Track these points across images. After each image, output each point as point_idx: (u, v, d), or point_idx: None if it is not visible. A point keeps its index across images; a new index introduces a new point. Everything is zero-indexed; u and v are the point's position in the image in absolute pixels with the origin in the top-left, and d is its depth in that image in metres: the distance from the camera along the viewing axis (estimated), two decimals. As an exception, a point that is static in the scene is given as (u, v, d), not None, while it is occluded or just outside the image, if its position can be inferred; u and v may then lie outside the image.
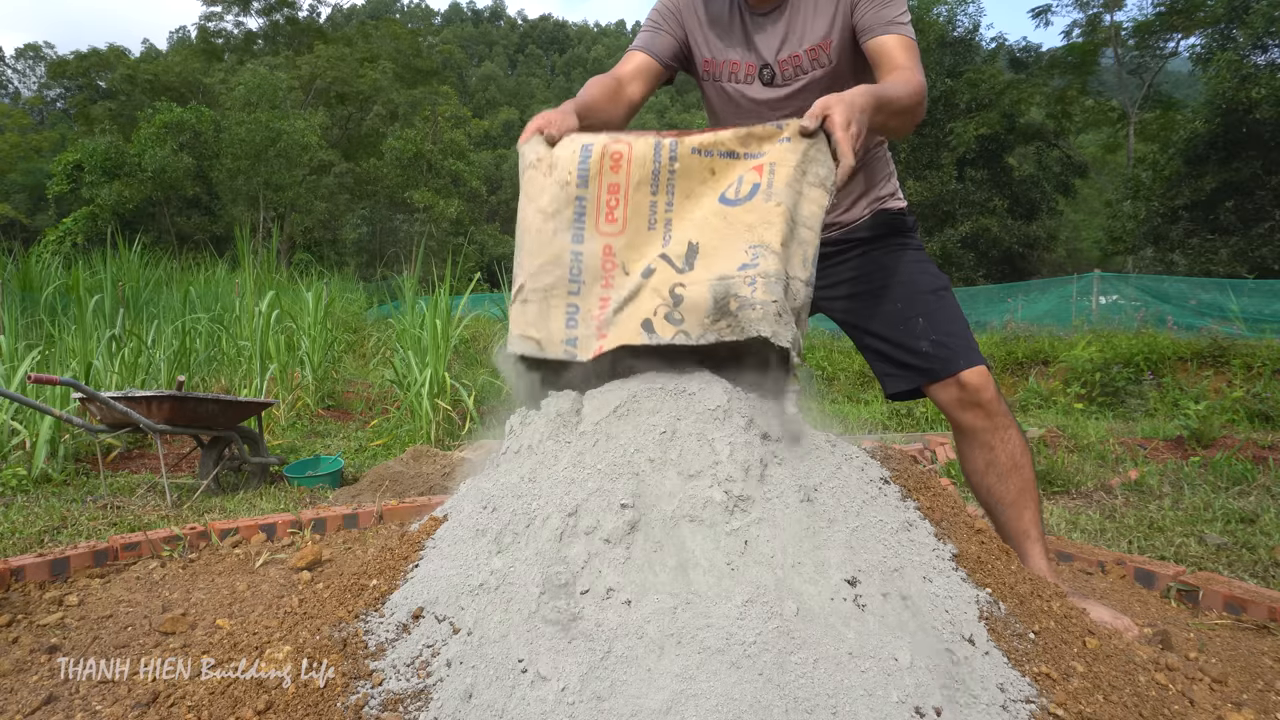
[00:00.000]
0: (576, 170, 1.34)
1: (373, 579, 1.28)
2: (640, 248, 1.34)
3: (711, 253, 1.28)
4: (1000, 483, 1.68)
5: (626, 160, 1.33)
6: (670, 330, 1.27)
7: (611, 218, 1.34)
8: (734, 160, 1.32)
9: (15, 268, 7.00)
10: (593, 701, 0.95)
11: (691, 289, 1.27)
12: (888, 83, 1.47)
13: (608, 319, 1.32)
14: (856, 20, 1.62)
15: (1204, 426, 4.19)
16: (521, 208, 1.39)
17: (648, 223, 1.34)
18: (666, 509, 1.17)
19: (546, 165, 1.36)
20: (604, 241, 1.34)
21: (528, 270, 1.37)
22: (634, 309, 1.31)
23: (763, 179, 1.28)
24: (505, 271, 7.74)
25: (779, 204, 1.26)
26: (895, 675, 1.00)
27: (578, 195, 1.34)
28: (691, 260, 1.29)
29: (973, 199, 19.46)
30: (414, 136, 29.12)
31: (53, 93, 49.03)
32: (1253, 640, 1.69)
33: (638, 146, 1.34)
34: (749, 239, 1.26)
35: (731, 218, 1.29)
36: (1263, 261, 14.84)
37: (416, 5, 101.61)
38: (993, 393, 1.65)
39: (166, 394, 3.03)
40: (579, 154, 1.35)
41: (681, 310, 1.27)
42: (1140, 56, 21.75)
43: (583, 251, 1.34)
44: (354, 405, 6.03)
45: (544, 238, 1.35)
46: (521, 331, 1.37)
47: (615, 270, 1.34)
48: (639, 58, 1.76)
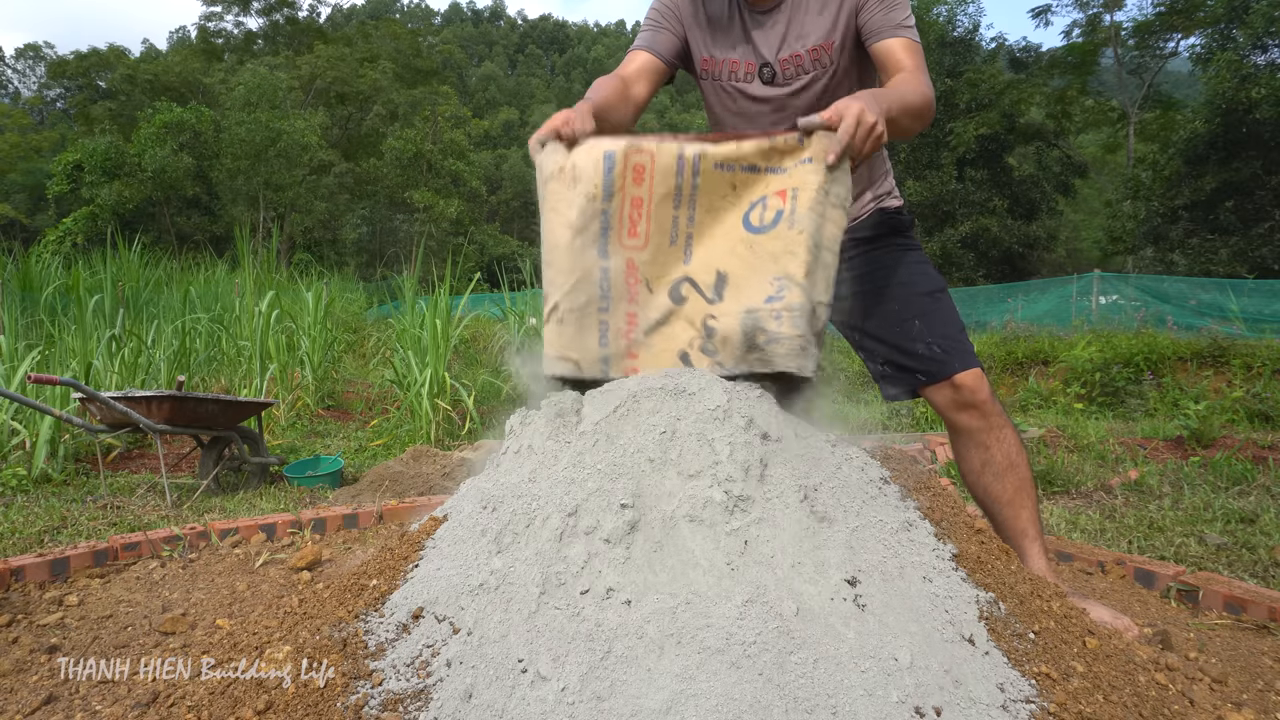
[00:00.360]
0: (602, 183, 1.33)
1: (373, 579, 1.28)
2: (662, 264, 1.35)
3: (740, 283, 1.31)
4: (997, 482, 1.70)
5: (649, 173, 1.33)
6: (706, 362, 1.32)
7: (634, 232, 1.34)
8: (755, 174, 1.32)
9: (15, 268, 7.00)
10: (593, 701, 0.95)
11: (723, 321, 1.30)
12: (900, 87, 1.48)
13: (638, 339, 1.35)
14: (862, 22, 1.62)
15: (1204, 426, 4.19)
16: (547, 221, 1.37)
17: (669, 238, 1.35)
18: (666, 509, 1.17)
19: (570, 177, 1.34)
20: (626, 256, 1.35)
21: (561, 289, 1.35)
22: (667, 336, 1.34)
23: (786, 205, 1.29)
24: (505, 271, 7.76)
25: (801, 231, 1.27)
26: (895, 675, 1.00)
27: (602, 209, 1.33)
28: (720, 290, 1.32)
29: (973, 199, 19.46)
30: (414, 136, 29.12)
31: (53, 93, 49.04)
32: (1253, 640, 1.69)
33: (660, 158, 1.33)
34: (774, 270, 1.28)
35: (757, 246, 1.30)
36: (1263, 261, 14.84)
37: (416, 5, 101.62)
38: (987, 394, 1.67)
39: (166, 394, 3.03)
40: (602, 164, 1.33)
41: (715, 343, 1.31)
42: (1140, 56, 21.74)
43: (609, 267, 1.34)
44: (354, 405, 6.03)
45: (574, 254, 1.34)
46: (560, 353, 1.37)
47: (639, 286, 1.35)
48: (642, 57, 1.75)
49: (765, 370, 1.29)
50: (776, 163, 1.31)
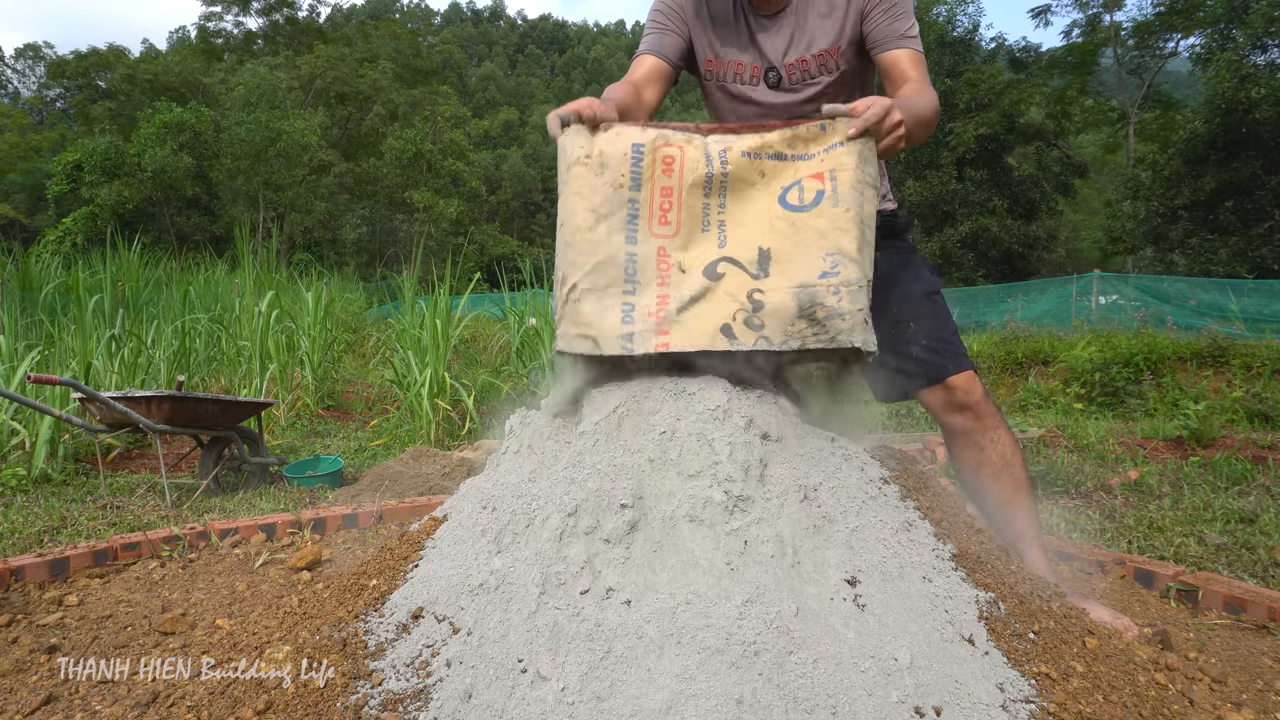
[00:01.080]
0: (630, 173, 1.34)
1: (372, 579, 1.28)
2: (694, 248, 1.36)
3: (785, 259, 1.31)
4: (992, 481, 1.70)
5: (679, 164, 1.35)
6: (751, 336, 1.29)
7: (665, 220, 1.35)
8: (783, 162, 1.35)
9: (15, 268, 7.00)
10: (592, 701, 0.95)
11: (771, 295, 1.29)
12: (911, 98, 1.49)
13: (669, 316, 1.32)
14: (868, 31, 1.62)
15: (1204, 426, 4.19)
16: (569, 204, 1.37)
17: (701, 225, 1.36)
18: (666, 509, 1.17)
19: (597, 164, 1.35)
20: (658, 244, 1.35)
21: (581, 269, 1.35)
22: (705, 311, 1.32)
23: (826, 185, 1.31)
24: (505, 271, 7.76)
25: (848, 209, 1.29)
26: (895, 675, 1.00)
27: (630, 198, 1.35)
28: (765, 266, 1.31)
29: (972, 199, 19.46)
30: (414, 136, 29.11)
31: (52, 93, 49.06)
32: (1252, 640, 1.69)
33: (689, 151, 1.35)
34: (824, 246, 1.29)
35: (800, 224, 1.31)
36: (1262, 261, 14.84)
37: (416, 5, 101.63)
38: (980, 394, 1.68)
39: (166, 394, 3.03)
40: (630, 154, 1.34)
41: (762, 316, 1.29)
42: (1140, 56, 21.74)
43: (637, 253, 1.35)
44: (354, 405, 6.03)
45: (597, 238, 1.35)
46: (578, 330, 1.36)
47: (671, 269, 1.35)
48: (649, 61, 1.73)
49: (826, 345, 1.26)
50: (802, 150, 1.34)
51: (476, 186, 32.32)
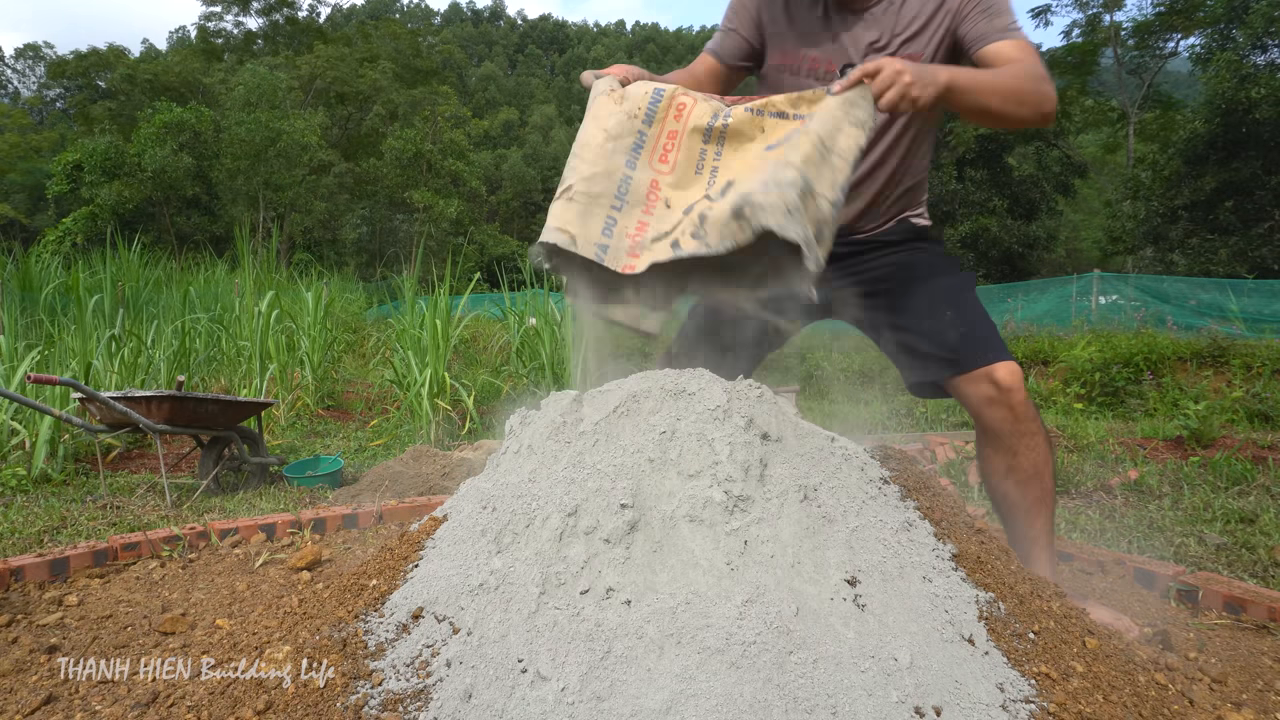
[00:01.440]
0: (646, 107, 1.47)
1: (372, 579, 1.28)
2: (685, 189, 1.45)
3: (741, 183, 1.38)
4: (1018, 489, 1.63)
5: (689, 112, 1.47)
6: (693, 244, 1.36)
7: (664, 159, 1.47)
8: (783, 120, 1.43)
9: (15, 268, 7.00)
10: (592, 701, 0.95)
11: (716, 207, 1.35)
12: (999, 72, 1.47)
13: (643, 243, 1.41)
14: (964, 33, 1.58)
15: (1204, 426, 4.19)
16: (586, 126, 1.49)
17: (695, 168, 1.46)
18: (666, 509, 1.17)
19: (619, 96, 1.48)
20: (653, 176, 1.45)
21: (580, 175, 1.44)
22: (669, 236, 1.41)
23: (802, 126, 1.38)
24: (505, 271, 7.76)
25: (808, 131, 1.33)
26: (895, 675, 1.00)
27: (640, 129, 1.46)
28: (725, 191, 1.39)
29: (972, 199, 19.47)
30: (414, 136, 29.10)
31: (52, 93, 49.08)
32: (1252, 640, 1.69)
33: (700, 104, 1.47)
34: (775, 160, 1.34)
35: (768, 156, 1.39)
36: (1262, 261, 14.84)
37: (416, 5, 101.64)
38: (1023, 395, 1.58)
39: (166, 394, 3.03)
40: (651, 94, 1.48)
41: (705, 226, 1.35)
42: (1140, 56, 21.75)
43: (633, 177, 1.45)
44: (354, 405, 6.03)
45: (603, 153, 1.45)
46: (559, 225, 1.42)
47: (658, 203, 1.44)
48: (708, 61, 1.79)
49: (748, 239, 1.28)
50: (804, 110, 1.41)
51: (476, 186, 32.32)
